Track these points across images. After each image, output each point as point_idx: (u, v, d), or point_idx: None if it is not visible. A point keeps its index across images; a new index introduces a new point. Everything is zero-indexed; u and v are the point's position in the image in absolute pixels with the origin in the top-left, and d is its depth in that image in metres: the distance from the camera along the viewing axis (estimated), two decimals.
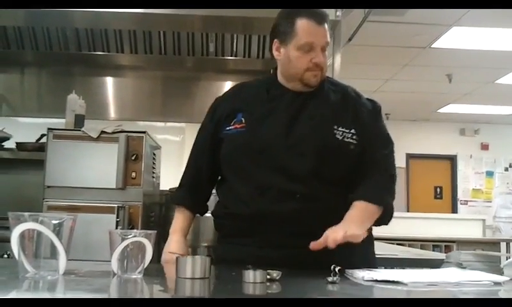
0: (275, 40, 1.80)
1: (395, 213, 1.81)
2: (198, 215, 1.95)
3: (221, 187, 1.89)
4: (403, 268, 2.32)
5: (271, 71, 1.93)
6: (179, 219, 1.90)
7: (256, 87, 1.91)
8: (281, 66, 1.82)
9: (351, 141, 1.74)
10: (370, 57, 6.11)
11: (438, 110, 8.72)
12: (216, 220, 1.89)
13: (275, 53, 1.81)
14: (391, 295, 1.26)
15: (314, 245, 1.55)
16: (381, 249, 3.41)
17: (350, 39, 5.23)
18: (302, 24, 1.72)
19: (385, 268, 2.20)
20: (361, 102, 1.84)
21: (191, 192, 1.90)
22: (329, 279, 1.36)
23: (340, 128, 1.75)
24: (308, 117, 1.77)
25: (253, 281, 1.29)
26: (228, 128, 1.81)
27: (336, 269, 1.46)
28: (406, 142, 9.37)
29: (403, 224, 5.91)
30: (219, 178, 1.91)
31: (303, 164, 1.71)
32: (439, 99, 8.05)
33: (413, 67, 6.43)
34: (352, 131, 1.75)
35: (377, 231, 1.91)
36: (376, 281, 1.37)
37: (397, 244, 4.52)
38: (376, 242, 1.99)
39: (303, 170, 1.71)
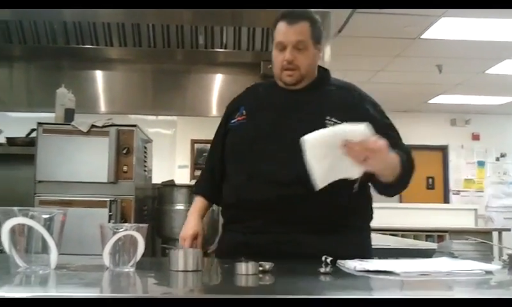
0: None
1: (388, 204, 1.82)
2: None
3: (224, 178, 1.96)
4: (396, 259, 2.32)
5: (261, 63, 1.98)
6: (197, 203, 2.00)
7: (260, 85, 2.05)
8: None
9: None
10: (360, 48, 6.10)
11: (429, 101, 8.74)
12: (221, 211, 2.01)
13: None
14: (383, 285, 1.26)
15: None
16: (374, 240, 3.42)
17: (340, 31, 5.23)
18: (277, 25, 1.83)
19: (378, 258, 2.20)
20: (365, 99, 1.88)
21: (208, 183, 2.01)
22: (322, 270, 1.36)
23: (332, 119, 1.77)
24: (301, 109, 1.84)
25: (246, 273, 1.29)
26: (232, 121, 1.92)
27: (328, 260, 1.46)
28: None
29: (396, 215, 5.93)
30: None
31: (290, 153, 1.73)
32: (429, 90, 8.07)
33: (403, 58, 6.43)
34: (344, 123, 1.74)
35: (371, 222, 1.92)
36: (368, 271, 1.37)
37: (390, 235, 4.54)
38: None
39: (289, 158, 1.74)
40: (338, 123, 1.73)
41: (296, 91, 1.86)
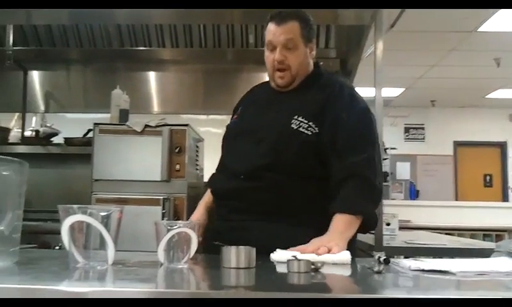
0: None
1: (444, 202, 1.77)
2: None
3: None
4: (452, 258, 2.26)
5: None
6: (205, 196, 2.11)
7: (261, 85, 2.13)
8: None
9: (305, 131, 1.79)
10: (414, 43, 5.97)
11: (487, 96, 8.45)
12: None
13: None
14: (439, 285, 1.23)
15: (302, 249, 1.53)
16: (430, 239, 3.35)
17: (392, 26, 5.13)
18: (268, 26, 1.86)
19: (433, 258, 2.15)
20: (341, 99, 1.85)
21: (217, 178, 2.11)
22: (375, 268, 1.34)
23: (299, 119, 1.81)
24: (276, 108, 1.90)
25: (298, 270, 1.29)
26: (231, 120, 2.07)
27: (381, 259, 1.44)
28: (453, 130, 9.14)
29: (452, 214, 5.78)
30: None
31: (254, 149, 1.84)
32: (487, 84, 7.80)
33: (459, 52, 6.24)
34: (311, 123, 1.79)
35: (426, 221, 1.89)
36: (423, 270, 1.34)
37: (446, 234, 4.42)
38: (424, 232, 1.98)
39: (252, 153, 1.83)
40: (304, 123, 1.79)
41: (284, 92, 1.91)
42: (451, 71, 7.13)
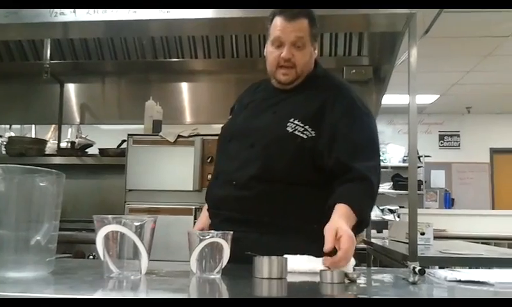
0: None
1: (480, 211, 1.72)
2: None
3: None
4: (489, 269, 2.21)
5: (343, 69, 1.92)
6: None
7: (259, 82, 2.03)
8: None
9: (301, 134, 1.72)
10: (448, 49, 5.88)
11: None
12: None
13: (265, 51, 1.91)
14: (476, 296, 1.20)
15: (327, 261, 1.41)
16: (466, 249, 3.27)
17: (427, 32, 5.06)
18: (275, 21, 1.79)
19: (469, 268, 2.10)
20: (339, 104, 1.76)
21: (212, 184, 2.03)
22: (410, 279, 1.32)
23: (295, 122, 1.73)
24: (271, 109, 1.82)
25: (331, 281, 1.28)
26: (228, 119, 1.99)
27: (416, 269, 1.41)
28: (490, 137, 8.94)
29: (489, 223, 5.63)
30: None
31: (248, 154, 1.76)
32: None
33: (495, 57, 6.11)
34: (307, 126, 1.72)
35: (461, 230, 1.83)
36: (460, 281, 1.31)
37: (482, 243, 4.31)
38: (460, 241, 1.91)
39: (245, 159, 1.75)
40: (300, 126, 1.71)
41: (284, 91, 1.84)
42: (487, 77, 6.99)
